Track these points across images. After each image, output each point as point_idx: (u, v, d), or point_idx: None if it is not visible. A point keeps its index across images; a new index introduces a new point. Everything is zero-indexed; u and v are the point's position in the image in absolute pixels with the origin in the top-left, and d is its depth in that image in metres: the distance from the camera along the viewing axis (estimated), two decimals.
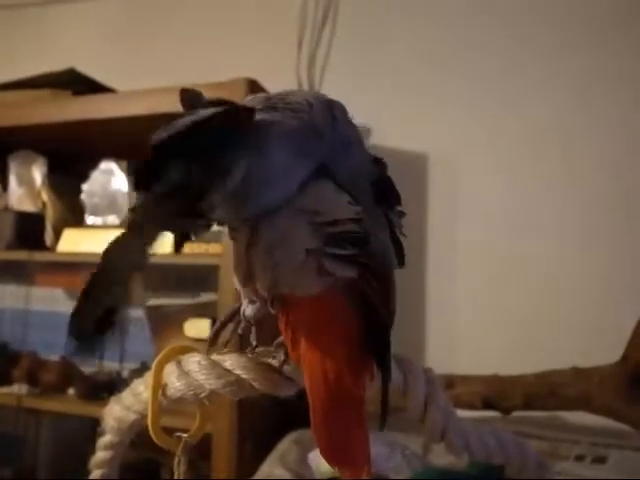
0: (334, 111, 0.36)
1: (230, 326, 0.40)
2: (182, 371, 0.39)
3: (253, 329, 0.38)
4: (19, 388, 1.32)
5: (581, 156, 1.25)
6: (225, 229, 0.37)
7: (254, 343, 0.38)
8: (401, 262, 0.38)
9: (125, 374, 1.34)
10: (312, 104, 0.35)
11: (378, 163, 0.39)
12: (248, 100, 0.37)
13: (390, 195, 0.39)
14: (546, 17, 1.30)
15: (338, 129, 0.35)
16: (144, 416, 0.44)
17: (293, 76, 1.43)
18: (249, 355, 0.38)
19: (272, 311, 0.35)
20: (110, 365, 1.38)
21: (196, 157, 0.31)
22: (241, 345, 0.39)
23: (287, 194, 0.33)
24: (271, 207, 0.33)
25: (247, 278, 0.35)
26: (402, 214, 0.39)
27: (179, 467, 0.41)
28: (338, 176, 0.35)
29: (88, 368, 1.38)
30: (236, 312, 0.39)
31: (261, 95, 0.37)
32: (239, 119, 0.32)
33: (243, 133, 0.32)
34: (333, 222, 0.33)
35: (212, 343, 0.39)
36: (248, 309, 0.37)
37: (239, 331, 0.39)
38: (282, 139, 0.33)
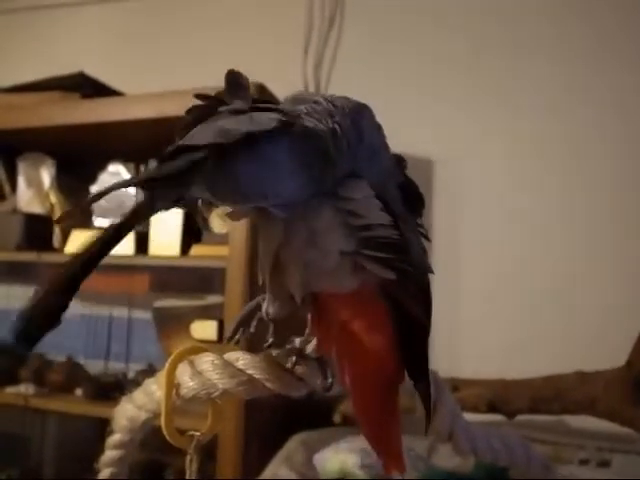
0: (362, 119, 0.36)
1: (248, 324, 0.40)
2: (195, 371, 0.40)
3: (271, 325, 0.39)
4: (26, 388, 1.32)
5: (586, 159, 1.25)
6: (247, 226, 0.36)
7: (271, 340, 0.39)
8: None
9: (131, 375, 1.35)
10: (337, 118, 0.34)
11: (398, 162, 0.39)
12: (288, 99, 0.36)
13: (415, 199, 0.39)
14: (549, 21, 1.30)
15: (365, 139, 0.35)
16: (156, 415, 0.44)
17: (300, 80, 1.44)
18: (265, 352, 0.38)
19: (301, 308, 0.35)
20: (116, 366, 1.39)
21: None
22: (253, 343, 0.39)
23: (281, 194, 0.32)
24: (261, 201, 0.32)
25: (275, 276, 0.35)
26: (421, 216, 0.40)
27: (191, 465, 0.42)
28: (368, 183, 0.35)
29: (94, 369, 1.39)
30: (254, 310, 0.40)
31: (298, 96, 0.36)
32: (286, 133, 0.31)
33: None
34: (368, 226, 0.33)
35: (230, 340, 0.40)
36: (273, 306, 0.37)
37: (252, 329, 0.39)
38: (294, 144, 0.32)
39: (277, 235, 0.34)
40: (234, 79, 0.34)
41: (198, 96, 0.34)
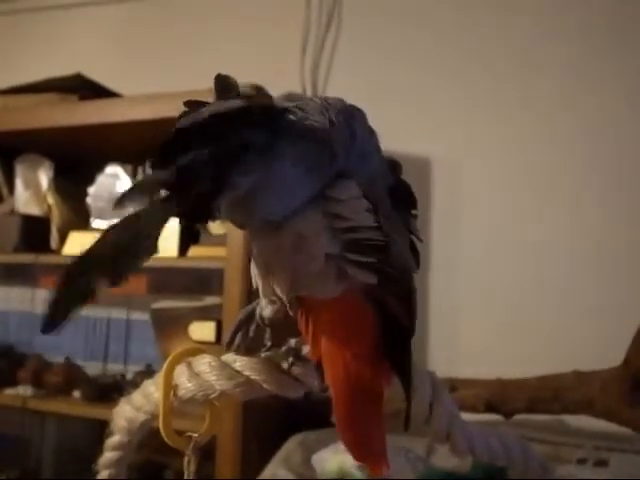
0: (354, 121, 0.36)
1: (246, 329, 0.40)
2: (193, 372, 0.40)
3: (268, 330, 0.39)
4: (24, 390, 1.32)
5: (586, 158, 1.25)
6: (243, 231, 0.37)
7: (268, 344, 0.39)
8: (416, 266, 0.38)
9: (129, 376, 1.35)
10: (331, 114, 0.35)
11: (393, 166, 0.39)
12: (278, 99, 0.37)
13: (407, 199, 0.39)
14: (553, 16, 1.31)
15: (357, 139, 0.35)
16: (154, 416, 0.44)
17: (297, 81, 1.44)
18: (263, 356, 0.39)
19: (290, 312, 0.35)
20: (115, 367, 1.39)
21: (214, 149, 0.30)
22: (252, 348, 0.40)
23: (292, 206, 0.33)
24: (274, 217, 0.33)
25: (267, 279, 0.35)
26: (415, 217, 0.40)
27: (189, 467, 0.42)
28: (357, 183, 0.35)
29: (93, 370, 1.39)
30: (251, 314, 0.40)
31: (290, 94, 0.37)
32: (261, 116, 0.32)
33: (262, 132, 0.32)
34: (352, 228, 0.33)
35: (229, 346, 0.40)
36: (266, 310, 0.37)
37: (250, 334, 0.39)
38: (298, 148, 0.33)
39: (269, 240, 0.34)
40: (222, 82, 0.35)
41: (187, 103, 0.34)
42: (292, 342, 0.39)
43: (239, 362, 0.39)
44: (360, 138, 0.36)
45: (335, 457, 0.85)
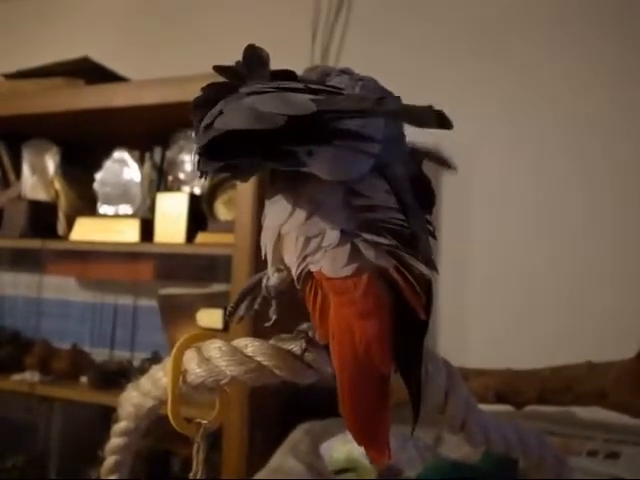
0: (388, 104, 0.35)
1: (250, 300, 0.40)
2: (203, 357, 0.39)
3: (274, 302, 0.38)
4: (31, 375, 1.33)
5: (598, 148, 1.23)
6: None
7: (274, 317, 0.38)
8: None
9: (136, 363, 1.35)
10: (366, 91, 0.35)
11: (414, 154, 0.38)
12: (307, 70, 0.37)
13: (427, 196, 0.38)
14: (556, 10, 1.28)
15: (389, 123, 0.35)
16: (162, 402, 0.43)
17: (308, 64, 1.43)
18: (275, 338, 0.38)
19: (297, 286, 0.34)
20: (121, 354, 1.39)
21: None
22: (257, 320, 0.39)
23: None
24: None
25: (277, 245, 0.35)
26: (431, 213, 0.39)
27: (198, 454, 0.41)
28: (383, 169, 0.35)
29: (99, 356, 1.39)
30: (257, 284, 0.39)
31: (323, 67, 0.37)
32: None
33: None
34: (371, 207, 0.32)
35: (231, 315, 0.39)
36: (273, 279, 0.36)
37: (256, 306, 0.39)
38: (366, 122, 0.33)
39: (285, 208, 0.34)
40: (253, 54, 0.34)
41: (217, 68, 0.33)
42: (304, 327, 0.37)
43: (250, 347, 0.37)
44: (387, 124, 0.35)
45: (343, 446, 0.84)
